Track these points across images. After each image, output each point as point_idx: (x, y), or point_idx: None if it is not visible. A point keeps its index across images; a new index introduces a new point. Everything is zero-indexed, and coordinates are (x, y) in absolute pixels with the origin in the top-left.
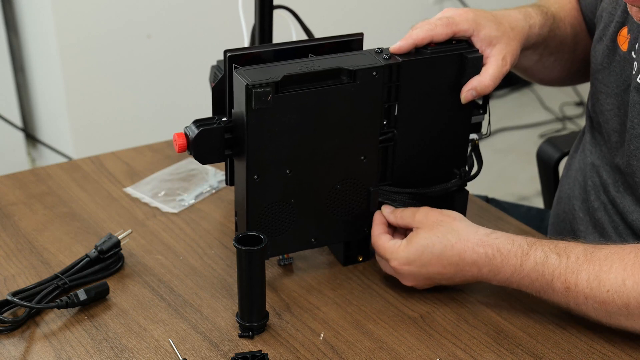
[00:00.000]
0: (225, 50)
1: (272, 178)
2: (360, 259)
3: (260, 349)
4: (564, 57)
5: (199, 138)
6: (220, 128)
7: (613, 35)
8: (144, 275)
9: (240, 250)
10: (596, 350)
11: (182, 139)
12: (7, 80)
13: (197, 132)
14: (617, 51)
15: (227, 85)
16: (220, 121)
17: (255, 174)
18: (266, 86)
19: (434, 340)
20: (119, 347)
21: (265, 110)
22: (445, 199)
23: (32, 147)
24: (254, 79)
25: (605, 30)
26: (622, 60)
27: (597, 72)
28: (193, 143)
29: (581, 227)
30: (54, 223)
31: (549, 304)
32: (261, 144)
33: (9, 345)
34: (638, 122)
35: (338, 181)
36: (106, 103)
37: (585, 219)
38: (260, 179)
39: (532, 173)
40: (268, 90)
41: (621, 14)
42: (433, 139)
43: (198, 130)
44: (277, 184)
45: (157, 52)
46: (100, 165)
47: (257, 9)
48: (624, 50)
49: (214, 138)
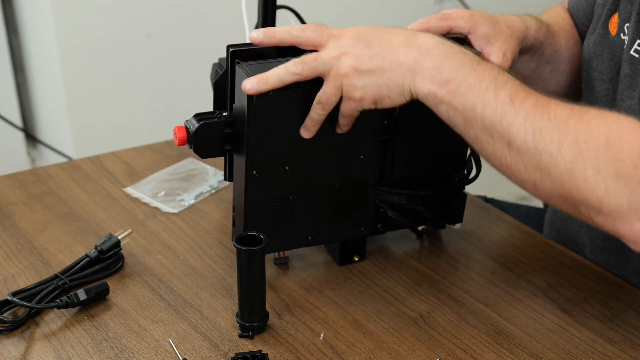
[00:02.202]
0: (228, 46)
1: (271, 174)
2: (356, 259)
3: (260, 349)
4: (560, 67)
5: (199, 131)
6: (220, 122)
7: (604, 24)
8: (144, 275)
9: (240, 250)
10: (596, 350)
11: (182, 132)
12: (7, 80)
13: (198, 126)
14: (608, 37)
15: (229, 80)
16: (221, 115)
17: (254, 169)
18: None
19: (434, 340)
20: (119, 347)
21: (266, 106)
22: (443, 202)
23: (32, 147)
24: (256, 74)
25: (597, 22)
26: (612, 44)
27: (591, 61)
28: (193, 136)
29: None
30: (54, 223)
31: (474, 119)
32: (261, 140)
33: (9, 345)
34: (628, 94)
35: (336, 179)
36: (106, 103)
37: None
38: (259, 175)
39: None
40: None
41: (612, 1)
42: (433, 141)
43: (198, 124)
44: (276, 180)
45: (157, 52)
46: (100, 165)
47: (260, 9)
48: (613, 35)
49: (214, 132)
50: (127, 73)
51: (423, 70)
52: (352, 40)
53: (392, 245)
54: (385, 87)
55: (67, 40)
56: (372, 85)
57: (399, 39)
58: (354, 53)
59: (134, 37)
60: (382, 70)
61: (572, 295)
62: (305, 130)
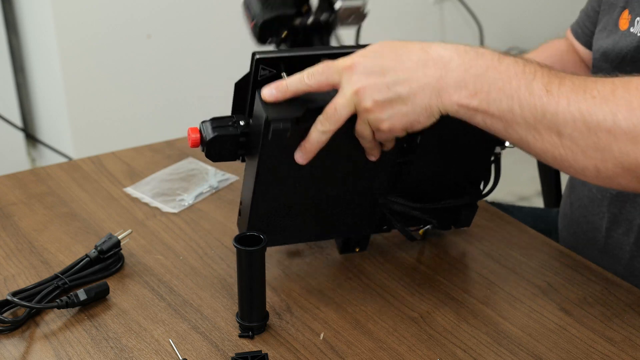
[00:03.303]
0: (253, 52)
1: (280, 185)
2: (357, 250)
3: (260, 349)
4: None
5: (213, 141)
6: (236, 135)
7: (615, 21)
8: (144, 275)
9: (240, 250)
10: (596, 350)
11: (196, 134)
12: (7, 80)
13: (212, 137)
14: (617, 32)
15: (250, 89)
16: (238, 124)
17: (264, 182)
18: (285, 121)
19: (434, 340)
20: (119, 347)
21: (281, 139)
22: (453, 211)
23: (32, 147)
24: (273, 111)
25: (608, 21)
26: (621, 37)
27: (600, 54)
28: (207, 144)
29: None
30: (54, 223)
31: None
32: (273, 163)
33: (9, 345)
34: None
35: (346, 190)
36: (106, 103)
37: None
38: (269, 186)
39: (532, 173)
40: (287, 126)
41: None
42: (452, 158)
43: (213, 135)
44: (285, 190)
45: (157, 52)
46: (100, 165)
47: None
48: (623, 30)
49: (229, 142)
50: (127, 73)
51: (448, 88)
52: (364, 74)
53: (392, 245)
54: (413, 114)
55: (67, 40)
56: (398, 114)
57: (412, 58)
58: (369, 86)
59: (134, 37)
60: (405, 98)
61: (572, 295)
62: (301, 155)
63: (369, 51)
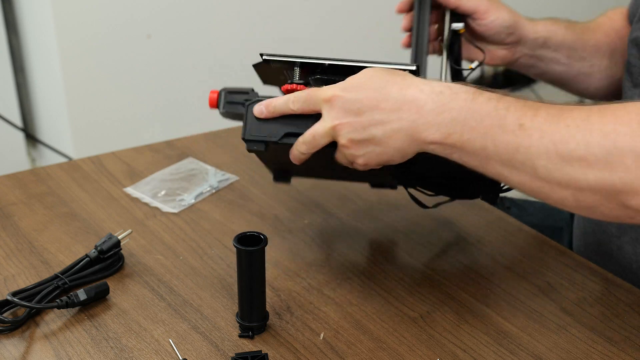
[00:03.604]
0: (261, 54)
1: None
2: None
3: (260, 349)
4: (602, 63)
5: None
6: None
7: None
8: (144, 275)
9: (240, 250)
10: (596, 350)
11: (215, 94)
12: (7, 80)
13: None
14: None
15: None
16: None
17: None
18: (260, 144)
19: (434, 340)
20: (119, 347)
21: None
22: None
23: (32, 147)
24: (256, 129)
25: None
26: None
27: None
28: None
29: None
30: (54, 223)
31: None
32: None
33: (9, 345)
34: None
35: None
36: (106, 103)
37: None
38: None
39: None
40: (261, 147)
41: None
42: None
43: (224, 110)
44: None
45: (157, 52)
46: (100, 165)
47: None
48: None
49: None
50: (127, 73)
51: (421, 132)
52: (342, 110)
53: (392, 245)
54: (386, 154)
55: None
56: (372, 153)
57: (390, 99)
58: (346, 125)
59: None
60: (380, 139)
61: (572, 295)
62: (292, 159)
63: (350, 85)
